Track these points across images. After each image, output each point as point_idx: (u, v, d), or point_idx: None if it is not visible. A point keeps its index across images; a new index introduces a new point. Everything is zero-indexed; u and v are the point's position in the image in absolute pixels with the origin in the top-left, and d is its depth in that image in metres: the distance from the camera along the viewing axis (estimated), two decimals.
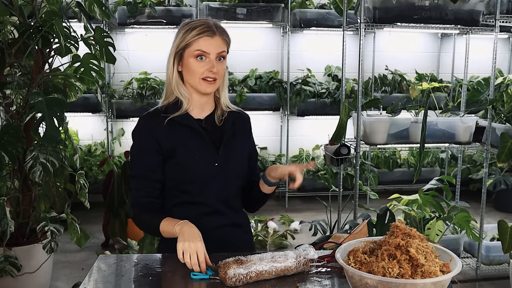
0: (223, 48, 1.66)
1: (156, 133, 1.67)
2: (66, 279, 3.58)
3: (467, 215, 3.19)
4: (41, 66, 2.94)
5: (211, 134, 1.71)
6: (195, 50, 1.63)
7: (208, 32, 1.63)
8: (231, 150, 1.72)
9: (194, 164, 1.67)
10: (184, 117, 1.69)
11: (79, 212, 3.47)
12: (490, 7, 3.40)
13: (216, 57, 1.65)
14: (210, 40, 1.64)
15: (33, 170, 2.77)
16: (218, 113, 1.74)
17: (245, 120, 1.82)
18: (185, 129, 1.68)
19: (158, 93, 5.03)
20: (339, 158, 3.39)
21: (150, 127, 1.68)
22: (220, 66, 1.66)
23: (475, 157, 5.55)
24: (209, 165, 1.68)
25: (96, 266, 1.57)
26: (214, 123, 1.73)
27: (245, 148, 1.79)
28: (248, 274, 1.43)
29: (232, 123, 1.75)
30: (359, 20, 3.21)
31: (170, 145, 1.66)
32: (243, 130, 1.80)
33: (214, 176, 1.68)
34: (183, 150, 1.67)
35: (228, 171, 1.70)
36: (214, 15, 4.98)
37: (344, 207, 3.76)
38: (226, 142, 1.71)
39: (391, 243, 1.27)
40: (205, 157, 1.68)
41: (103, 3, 2.95)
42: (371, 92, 5.31)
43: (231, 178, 1.72)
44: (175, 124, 1.68)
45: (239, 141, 1.76)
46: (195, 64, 1.64)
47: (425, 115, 3.03)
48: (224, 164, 1.69)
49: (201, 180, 1.67)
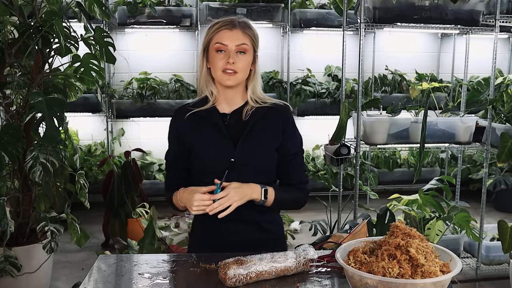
0: (243, 41, 1.67)
1: (179, 126, 1.76)
2: (66, 279, 3.58)
3: (467, 215, 3.20)
4: (41, 66, 2.94)
5: (234, 128, 1.72)
6: (215, 43, 1.67)
7: (228, 25, 1.67)
8: (252, 146, 1.71)
9: (210, 157, 1.71)
10: (209, 111, 1.74)
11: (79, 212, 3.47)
12: (490, 7, 3.40)
13: (235, 49, 1.66)
14: (229, 32, 1.66)
15: (33, 170, 2.77)
16: (247, 107, 1.74)
17: (279, 114, 1.76)
18: (206, 123, 1.73)
19: (158, 93, 5.03)
20: (339, 158, 3.39)
21: (175, 120, 1.79)
22: (240, 59, 1.67)
23: (475, 157, 5.55)
24: (225, 160, 1.69)
25: (96, 266, 1.57)
26: (240, 118, 1.73)
27: (271, 142, 1.74)
28: (248, 274, 1.42)
29: (261, 118, 1.73)
30: (359, 20, 3.21)
31: (189, 137, 1.74)
32: (274, 123, 1.75)
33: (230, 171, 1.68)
34: (201, 143, 1.72)
35: (246, 166, 1.69)
36: (214, 15, 4.98)
37: (344, 207, 3.76)
38: (245, 137, 1.70)
39: (391, 243, 1.27)
40: (222, 151, 1.70)
41: (103, 3, 2.95)
42: (371, 92, 5.31)
43: (249, 174, 1.69)
44: (198, 118, 1.74)
45: (266, 134, 1.73)
46: (215, 57, 1.68)
47: (425, 115, 3.03)
48: (241, 160, 1.69)
49: (217, 174, 1.66)
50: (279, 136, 1.75)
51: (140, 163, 5.08)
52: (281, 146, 1.75)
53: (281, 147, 1.75)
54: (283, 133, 1.75)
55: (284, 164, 1.77)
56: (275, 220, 1.82)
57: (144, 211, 3.93)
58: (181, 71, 5.34)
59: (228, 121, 1.74)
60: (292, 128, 1.78)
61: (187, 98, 5.08)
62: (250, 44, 1.69)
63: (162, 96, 5.06)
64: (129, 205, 4.03)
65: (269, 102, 1.76)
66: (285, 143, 1.76)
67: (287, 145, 1.76)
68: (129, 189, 4.10)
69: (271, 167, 1.75)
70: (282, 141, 1.75)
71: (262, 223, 1.76)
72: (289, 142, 1.77)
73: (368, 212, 3.46)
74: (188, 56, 5.40)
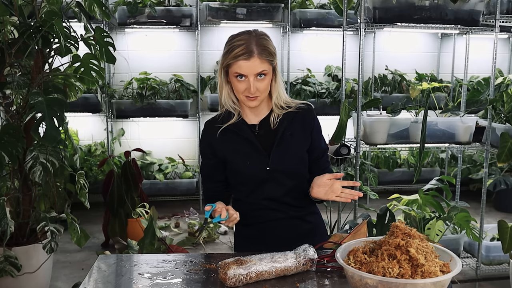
0: (262, 68, 1.68)
1: (211, 141, 1.81)
2: (66, 279, 3.58)
3: (467, 215, 3.19)
4: (41, 66, 2.94)
5: (264, 138, 1.79)
6: (234, 72, 1.69)
7: (245, 55, 1.66)
8: (284, 151, 1.77)
9: (246, 169, 1.77)
10: (237, 124, 1.79)
11: (79, 212, 3.47)
12: (490, 7, 3.40)
13: (254, 77, 1.69)
14: (247, 63, 1.67)
15: (33, 170, 2.77)
16: (273, 115, 1.79)
17: (305, 116, 1.82)
18: (237, 137, 1.79)
19: (158, 93, 5.03)
20: (339, 158, 3.39)
21: (206, 135, 1.84)
22: (261, 83, 1.70)
23: (475, 157, 5.54)
24: (261, 169, 1.76)
25: (96, 266, 1.57)
26: (268, 126, 1.79)
27: (302, 145, 1.80)
28: (248, 274, 1.43)
29: (289, 122, 1.79)
30: (359, 20, 3.21)
31: (223, 152, 1.80)
32: (302, 126, 1.81)
33: (267, 179, 1.76)
34: (235, 157, 1.78)
35: (282, 172, 1.77)
36: (214, 15, 4.98)
37: (344, 207, 3.76)
38: (277, 145, 1.76)
39: (391, 243, 1.27)
40: (257, 162, 1.76)
41: (103, 3, 2.95)
42: (371, 92, 5.31)
43: (285, 178, 1.78)
44: (228, 132, 1.79)
45: (296, 139, 1.79)
46: (236, 83, 1.71)
47: (425, 115, 3.03)
48: (276, 167, 1.76)
49: (254, 183, 1.78)
50: (308, 138, 1.81)
51: (140, 163, 5.08)
52: (311, 146, 1.82)
53: (310, 147, 1.82)
54: (311, 134, 1.82)
55: (315, 162, 1.84)
56: (314, 211, 1.92)
57: (144, 211, 3.93)
58: (181, 71, 5.34)
59: (258, 132, 1.80)
60: (317, 128, 1.85)
61: (187, 98, 5.09)
62: (268, 66, 1.71)
63: (162, 96, 5.06)
64: (129, 205, 4.03)
65: (294, 105, 1.81)
66: (314, 143, 1.83)
67: (316, 144, 1.83)
68: (129, 189, 4.10)
69: (304, 169, 1.83)
70: (311, 142, 1.82)
71: (305, 217, 1.86)
72: (318, 141, 1.84)
73: (368, 212, 3.46)
74: (188, 56, 5.40)
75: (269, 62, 1.70)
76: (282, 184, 1.77)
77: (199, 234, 4.24)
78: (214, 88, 5.29)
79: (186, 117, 5.14)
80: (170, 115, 5.09)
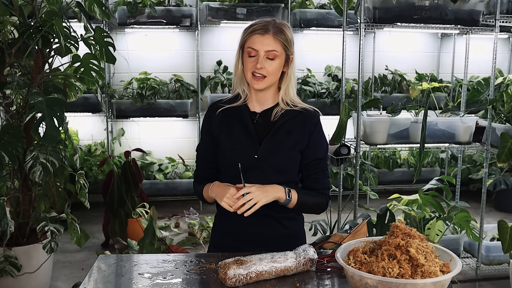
0: (273, 47, 1.70)
1: (212, 119, 1.84)
2: (66, 279, 3.58)
3: (467, 215, 3.19)
4: (41, 66, 2.94)
5: (261, 127, 1.79)
6: (248, 47, 1.72)
7: (261, 30, 1.70)
8: (276, 145, 1.76)
9: (235, 152, 1.77)
10: (240, 108, 1.81)
11: (79, 212, 3.47)
12: (490, 7, 3.40)
13: (264, 55, 1.70)
14: (260, 38, 1.70)
15: (33, 170, 2.77)
16: (277, 109, 1.79)
17: (307, 118, 1.81)
18: (235, 119, 1.80)
19: (158, 93, 5.03)
20: (339, 158, 3.39)
21: (209, 113, 1.87)
22: (269, 64, 1.71)
23: (475, 157, 5.55)
24: (249, 156, 1.75)
25: (96, 266, 1.57)
26: (269, 118, 1.79)
27: (296, 144, 1.78)
28: (248, 274, 1.43)
29: (289, 120, 1.78)
30: (359, 20, 3.21)
31: (218, 131, 1.82)
32: (302, 127, 1.79)
33: (253, 167, 1.74)
34: (227, 138, 1.80)
35: (268, 165, 1.75)
36: (214, 15, 4.98)
37: (344, 207, 3.76)
38: (271, 137, 1.76)
39: (391, 243, 1.27)
40: (247, 148, 1.76)
41: (103, 3, 2.95)
42: (371, 92, 5.31)
43: (270, 172, 1.76)
44: (228, 114, 1.82)
45: (292, 136, 1.78)
46: (247, 60, 1.73)
47: (425, 115, 3.03)
48: (265, 157, 1.75)
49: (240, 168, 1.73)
50: (304, 140, 1.79)
51: (140, 163, 5.08)
52: (306, 149, 1.80)
53: (306, 150, 1.80)
54: (309, 138, 1.80)
55: (308, 168, 1.81)
56: (294, 217, 1.86)
57: (144, 211, 3.93)
58: (181, 71, 5.34)
59: (257, 120, 1.80)
60: (318, 134, 1.82)
61: (187, 98, 5.09)
62: (281, 49, 1.72)
63: (162, 96, 5.06)
64: (129, 205, 4.03)
65: (300, 106, 1.81)
66: (310, 147, 1.80)
67: (312, 150, 1.80)
68: (129, 189, 4.10)
69: (293, 168, 1.80)
70: (307, 145, 1.79)
71: (282, 220, 1.81)
72: (315, 147, 1.81)
73: (368, 212, 3.46)
74: (188, 56, 5.40)
75: (283, 46, 1.73)
76: (267, 176, 1.75)
77: None
78: (214, 88, 5.30)
79: (186, 117, 5.14)
80: (170, 115, 5.09)
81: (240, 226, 1.79)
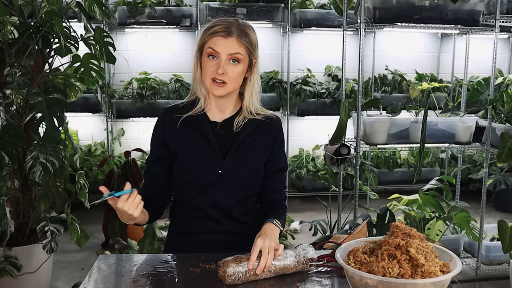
0: (237, 50, 1.56)
1: (166, 130, 1.67)
2: (66, 279, 3.58)
3: (467, 215, 3.19)
4: (41, 66, 2.94)
5: (224, 139, 1.65)
6: (208, 48, 1.58)
7: (224, 32, 1.56)
8: (241, 159, 1.65)
9: (196, 168, 1.64)
10: (198, 117, 1.65)
11: (79, 212, 3.46)
12: (490, 7, 3.40)
13: (227, 58, 1.56)
14: (223, 40, 1.56)
15: (33, 170, 2.77)
16: (239, 118, 1.66)
17: (270, 127, 1.70)
18: (194, 131, 1.65)
19: (158, 93, 5.03)
20: (339, 158, 3.40)
21: (162, 123, 1.69)
22: (232, 68, 1.57)
23: (475, 157, 5.55)
24: (212, 171, 1.63)
25: (96, 266, 1.57)
26: (231, 128, 1.66)
27: (261, 156, 1.68)
28: (247, 272, 1.43)
29: (252, 130, 1.67)
30: (359, 20, 3.21)
31: (175, 144, 1.65)
32: (265, 139, 1.69)
33: (216, 183, 1.64)
34: (187, 152, 1.64)
35: (233, 180, 1.64)
36: (214, 15, 4.97)
37: (344, 207, 3.76)
38: (235, 150, 1.64)
39: (391, 243, 1.27)
40: (209, 162, 1.63)
41: (103, 3, 2.95)
42: (371, 92, 5.31)
43: (236, 188, 1.65)
44: (186, 124, 1.65)
45: (256, 147, 1.67)
46: (206, 62, 1.59)
47: (425, 115, 3.03)
48: (229, 173, 1.63)
49: (202, 185, 1.64)
50: (269, 150, 1.70)
51: (140, 163, 5.07)
52: (270, 159, 1.71)
53: (269, 160, 1.71)
54: (273, 147, 1.71)
55: (269, 177, 1.72)
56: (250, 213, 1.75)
57: None
58: (181, 71, 5.34)
59: (218, 131, 1.66)
60: (281, 143, 1.73)
61: None
62: (245, 53, 1.59)
63: (162, 96, 5.06)
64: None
65: (262, 114, 1.69)
66: (273, 157, 1.71)
67: (275, 158, 1.72)
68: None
69: (258, 181, 1.70)
70: (270, 154, 1.70)
71: (249, 235, 1.60)
72: (278, 156, 1.72)
73: (368, 212, 3.45)
74: (188, 56, 5.40)
75: (247, 50, 1.59)
76: (232, 193, 1.64)
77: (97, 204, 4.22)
78: None
79: None
80: None
81: (199, 242, 1.70)
